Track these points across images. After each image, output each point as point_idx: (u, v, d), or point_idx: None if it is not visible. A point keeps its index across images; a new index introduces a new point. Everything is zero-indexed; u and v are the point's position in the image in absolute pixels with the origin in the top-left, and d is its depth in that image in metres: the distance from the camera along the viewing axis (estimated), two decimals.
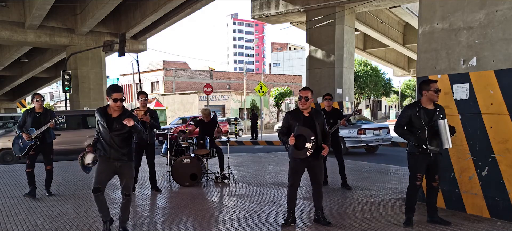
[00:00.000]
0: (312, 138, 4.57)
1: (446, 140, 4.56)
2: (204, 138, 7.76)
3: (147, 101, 7.07)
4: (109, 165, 4.44)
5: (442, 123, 4.57)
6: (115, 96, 4.32)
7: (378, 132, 14.37)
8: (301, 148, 4.64)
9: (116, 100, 4.33)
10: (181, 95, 38.81)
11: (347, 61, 19.39)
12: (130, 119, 4.28)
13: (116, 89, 4.38)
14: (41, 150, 6.71)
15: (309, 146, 4.57)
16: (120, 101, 4.36)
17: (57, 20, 21.19)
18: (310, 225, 5.04)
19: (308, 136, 4.59)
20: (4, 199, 6.73)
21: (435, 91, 4.67)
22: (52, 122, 6.53)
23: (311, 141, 4.57)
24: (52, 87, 75.83)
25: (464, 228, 4.85)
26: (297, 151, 4.68)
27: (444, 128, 4.56)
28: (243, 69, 36.07)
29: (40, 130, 6.52)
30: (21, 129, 6.62)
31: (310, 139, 4.57)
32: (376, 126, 15.05)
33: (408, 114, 4.78)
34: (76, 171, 9.70)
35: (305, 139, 4.60)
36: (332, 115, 7.19)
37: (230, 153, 9.12)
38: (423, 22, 5.86)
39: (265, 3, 20.86)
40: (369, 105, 58.15)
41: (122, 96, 4.38)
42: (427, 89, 4.70)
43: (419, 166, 4.81)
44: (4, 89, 40.79)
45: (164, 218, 5.53)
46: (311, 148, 4.58)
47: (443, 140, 4.58)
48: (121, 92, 4.40)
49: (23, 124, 6.64)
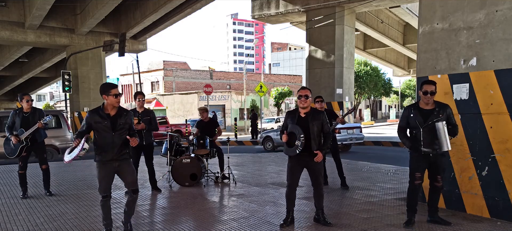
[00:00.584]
0: (301, 136, 4.62)
1: (444, 142, 4.57)
2: (204, 138, 7.76)
3: (144, 101, 7.06)
4: (109, 168, 4.40)
5: (441, 125, 4.58)
6: (115, 92, 4.33)
7: (352, 131, 15.41)
8: (292, 145, 4.73)
9: (116, 96, 4.34)
10: (181, 95, 38.81)
11: (347, 61, 19.40)
12: (136, 140, 4.36)
13: (113, 86, 4.43)
14: (33, 150, 6.68)
15: (298, 144, 4.64)
16: (120, 96, 4.41)
17: (57, 20, 21.19)
18: (310, 225, 5.04)
19: (298, 133, 4.65)
20: (4, 199, 6.73)
21: (423, 93, 4.69)
22: (41, 123, 6.46)
23: (300, 139, 4.62)
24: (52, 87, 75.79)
25: (464, 228, 4.85)
26: (288, 148, 4.79)
27: (442, 130, 4.57)
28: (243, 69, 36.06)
29: (29, 131, 6.44)
30: (10, 130, 6.51)
31: (299, 137, 4.63)
32: (350, 126, 15.77)
33: (405, 115, 4.88)
34: (76, 171, 9.70)
35: (296, 137, 4.67)
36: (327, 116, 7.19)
37: (230, 153, 9.13)
38: (423, 22, 5.86)
39: (265, 3, 20.86)
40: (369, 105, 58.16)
41: (119, 91, 4.43)
42: (420, 90, 4.78)
43: (417, 165, 4.84)
44: (4, 89, 40.82)
45: (164, 218, 5.53)
46: (300, 146, 4.63)
47: (441, 142, 4.59)
48: (116, 87, 4.44)
49: (12, 124, 6.54)
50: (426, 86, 4.70)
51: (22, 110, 6.57)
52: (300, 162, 4.82)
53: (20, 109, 6.61)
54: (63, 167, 10.46)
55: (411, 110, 4.81)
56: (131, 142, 4.33)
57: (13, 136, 6.43)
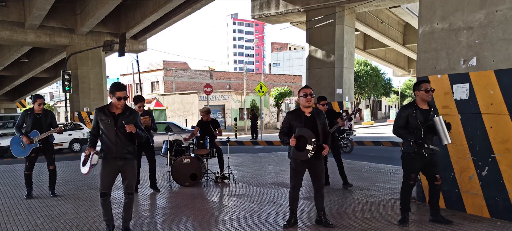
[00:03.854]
0: (313, 140, 4.52)
1: (444, 136, 4.56)
2: (204, 138, 7.77)
3: (144, 108, 7.07)
4: (113, 166, 4.43)
5: (438, 119, 4.57)
6: (119, 95, 4.34)
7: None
8: (302, 149, 4.57)
9: (119, 99, 4.35)
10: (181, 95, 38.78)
11: (347, 61, 19.40)
12: (132, 126, 4.35)
13: (120, 87, 4.40)
14: (43, 151, 6.67)
15: (309, 148, 4.52)
16: (124, 99, 4.38)
17: (57, 20, 21.19)
18: (311, 225, 5.04)
19: (309, 137, 4.53)
20: (4, 199, 6.73)
21: (425, 91, 4.68)
22: (61, 127, 6.49)
23: (312, 143, 4.51)
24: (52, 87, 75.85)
25: (464, 228, 4.85)
26: (298, 152, 4.61)
27: (440, 124, 4.56)
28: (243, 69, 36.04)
29: (45, 134, 6.45)
30: (19, 129, 6.49)
31: (311, 141, 4.52)
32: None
33: (405, 115, 4.80)
34: (76, 171, 9.71)
35: (306, 140, 4.54)
36: (328, 115, 7.18)
37: (230, 153, 9.13)
38: (423, 22, 5.86)
39: (265, 3, 20.86)
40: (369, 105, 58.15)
41: (125, 94, 4.40)
42: (418, 90, 4.76)
43: (413, 166, 4.84)
44: (4, 89, 40.81)
45: (164, 218, 5.53)
46: (312, 150, 4.53)
47: (441, 137, 4.58)
48: (124, 90, 4.41)
49: (22, 124, 6.53)
50: (426, 84, 4.71)
51: (34, 111, 6.53)
52: (305, 163, 4.73)
53: (32, 110, 6.57)
54: (63, 167, 10.47)
55: (412, 110, 4.75)
56: (127, 128, 4.32)
57: (24, 136, 6.38)
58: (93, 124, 4.51)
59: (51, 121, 6.59)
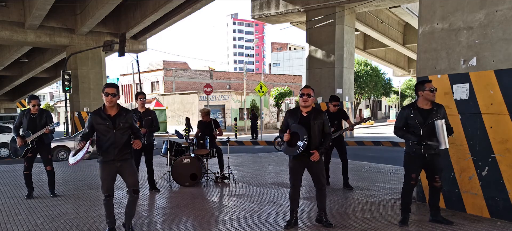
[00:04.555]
0: (305, 137, 4.59)
1: (443, 140, 4.56)
2: (204, 138, 7.77)
3: (145, 101, 7.10)
4: (111, 168, 4.43)
5: (440, 123, 4.57)
6: (108, 91, 4.32)
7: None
8: (293, 145, 4.68)
9: (107, 95, 4.31)
10: (181, 95, 38.79)
11: (347, 61, 19.41)
12: (140, 143, 4.45)
13: (109, 85, 4.41)
14: (39, 151, 6.70)
15: (300, 144, 4.60)
16: (112, 96, 4.32)
17: (57, 20, 21.20)
18: (311, 225, 5.04)
19: (301, 134, 4.61)
20: (4, 199, 6.73)
21: (430, 90, 4.68)
22: (48, 128, 6.50)
23: (303, 139, 4.59)
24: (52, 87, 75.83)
25: (464, 228, 4.85)
26: (288, 147, 4.74)
27: (441, 128, 4.56)
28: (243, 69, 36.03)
29: (35, 135, 6.49)
30: (17, 130, 6.60)
31: (303, 137, 4.59)
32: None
33: (404, 115, 4.84)
34: (76, 171, 9.70)
35: (299, 137, 4.62)
36: (337, 116, 7.19)
37: (230, 153, 9.12)
38: (423, 22, 5.86)
39: (265, 3, 20.86)
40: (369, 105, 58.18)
41: (114, 91, 4.34)
42: (422, 90, 4.74)
43: (413, 166, 4.85)
44: (4, 89, 40.82)
45: (164, 218, 5.53)
46: (302, 146, 4.60)
47: (439, 140, 4.59)
48: (114, 88, 4.38)
49: (19, 125, 6.62)
50: (430, 84, 4.71)
51: (30, 111, 6.59)
52: (300, 163, 4.78)
53: (28, 110, 6.64)
54: (63, 167, 10.46)
55: (411, 110, 4.78)
56: (134, 145, 4.40)
57: (19, 137, 6.47)
58: (86, 127, 4.43)
59: (46, 121, 6.59)
